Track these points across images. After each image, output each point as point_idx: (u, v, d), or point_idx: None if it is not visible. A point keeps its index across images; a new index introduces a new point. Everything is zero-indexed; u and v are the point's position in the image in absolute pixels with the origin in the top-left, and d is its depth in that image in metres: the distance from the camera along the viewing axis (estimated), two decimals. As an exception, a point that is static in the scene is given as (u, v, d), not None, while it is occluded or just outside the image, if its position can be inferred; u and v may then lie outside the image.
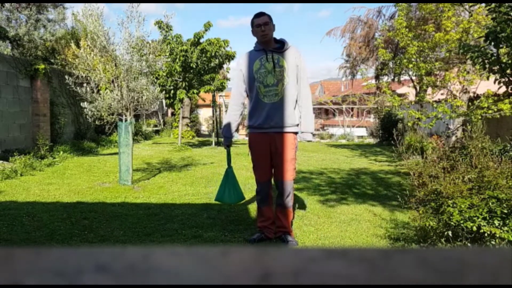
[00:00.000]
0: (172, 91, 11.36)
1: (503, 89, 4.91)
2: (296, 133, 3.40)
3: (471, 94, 8.77)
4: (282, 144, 3.34)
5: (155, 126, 18.64)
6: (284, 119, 3.32)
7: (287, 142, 3.34)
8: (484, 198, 2.67)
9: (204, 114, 24.65)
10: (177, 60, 10.86)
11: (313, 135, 3.54)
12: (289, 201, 3.42)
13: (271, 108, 3.32)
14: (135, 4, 5.82)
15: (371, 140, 16.86)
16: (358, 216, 4.30)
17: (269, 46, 3.35)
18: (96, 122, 6.03)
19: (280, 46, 3.38)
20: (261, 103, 3.36)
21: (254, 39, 3.43)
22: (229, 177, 3.64)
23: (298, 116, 3.41)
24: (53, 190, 5.53)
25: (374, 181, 6.59)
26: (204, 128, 23.85)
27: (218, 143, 13.59)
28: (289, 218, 3.46)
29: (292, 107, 3.35)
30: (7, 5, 15.14)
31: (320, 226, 3.90)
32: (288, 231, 3.43)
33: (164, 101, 13.61)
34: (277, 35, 3.44)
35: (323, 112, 29.69)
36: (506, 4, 3.93)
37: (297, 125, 3.40)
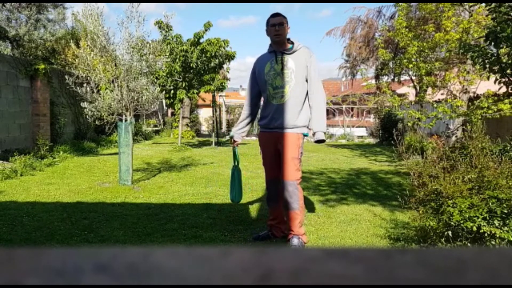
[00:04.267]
0: (172, 91, 11.36)
1: (503, 89, 4.91)
2: (303, 134, 3.36)
3: (471, 94, 8.77)
4: (284, 143, 3.34)
5: (155, 126, 18.65)
6: (288, 120, 3.31)
7: (288, 142, 3.33)
8: (484, 198, 2.67)
9: (204, 114, 24.64)
10: (177, 60, 10.86)
11: (324, 133, 3.44)
12: (293, 202, 3.30)
13: (277, 109, 3.34)
14: (135, 4, 5.82)
15: (371, 140, 16.86)
16: (358, 216, 4.30)
17: (281, 48, 3.36)
18: (96, 122, 6.03)
19: (291, 47, 3.37)
20: (269, 105, 3.40)
21: (254, 40, 3.47)
22: (235, 176, 3.76)
23: (306, 117, 3.37)
24: (53, 190, 5.53)
25: (374, 181, 6.59)
26: (204, 128, 23.84)
27: (218, 143, 13.59)
28: (294, 220, 3.33)
29: (298, 108, 3.33)
30: (7, 5, 15.14)
31: (320, 226, 3.90)
32: (295, 234, 3.33)
33: (164, 101, 13.61)
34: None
35: (323, 112, 29.61)
36: (506, 4, 3.93)
37: (304, 126, 3.36)
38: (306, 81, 3.35)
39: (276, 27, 3.30)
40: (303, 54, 3.35)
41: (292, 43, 3.41)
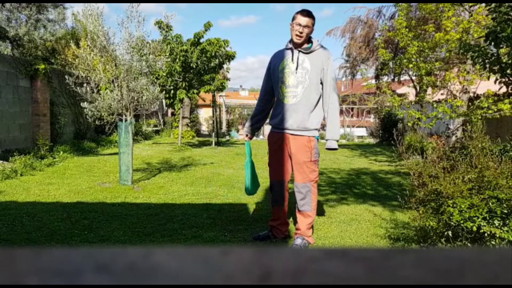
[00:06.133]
0: (172, 91, 11.36)
1: (503, 89, 4.91)
2: (313, 137, 3.29)
3: (471, 94, 8.77)
4: (294, 146, 3.28)
5: (155, 126, 18.64)
6: (299, 122, 3.23)
7: (299, 145, 3.26)
8: (484, 198, 2.67)
9: (204, 114, 24.66)
10: (177, 60, 10.86)
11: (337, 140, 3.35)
12: (304, 204, 3.28)
13: (288, 109, 3.25)
14: (135, 4, 5.82)
15: (371, 140, 16.85)
16: (358, 216, 4.30)
17: (298, 46, 3.25)
18: (96, 122, 6.02)
19: (309, 46, 3.26)
20: (280, 104, 3.31)
21: (255, 40, 3.43)
22: (246, 169, 3.70)
23: (318, 120, 3.29)
24: (53, 190, 5.52)
25: (374, 181, 6.59)
26: (204, 128, 23.85)
27: (218, 143, 13.59)
28: (304, 221, 3.30)
29: (310, 110, 3.24)
30: (7, 5, 15.14)
31: (320, 226, 3.90)
32: (302, 234, 3.31)
33: (164, 101, 13.61)
34: (276, 34, 3.41)
35: (323, 112, 29.64)
36: (506, 4, 3.93)
37: (316, 129, 3.29)
38: (321, 83, 3.26)
39: (301, 28, 3.17)
40: (321, 55, 3.24)
41: (311, 42, 3.28)
